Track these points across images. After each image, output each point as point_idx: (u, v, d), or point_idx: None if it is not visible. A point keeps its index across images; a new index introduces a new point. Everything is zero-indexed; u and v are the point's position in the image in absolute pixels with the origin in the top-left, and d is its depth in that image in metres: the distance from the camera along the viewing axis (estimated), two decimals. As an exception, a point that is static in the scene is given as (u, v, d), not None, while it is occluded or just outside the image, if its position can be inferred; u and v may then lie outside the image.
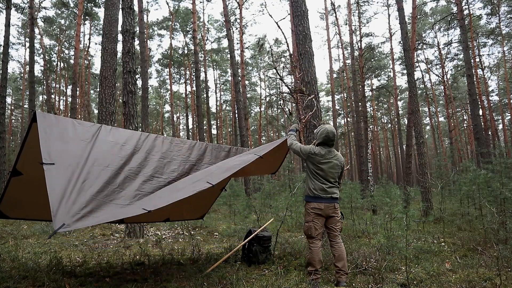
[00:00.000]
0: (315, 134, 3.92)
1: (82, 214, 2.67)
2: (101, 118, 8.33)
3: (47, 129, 3.01)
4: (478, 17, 23.24)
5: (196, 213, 5.81)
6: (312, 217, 3.64)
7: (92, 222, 2.69)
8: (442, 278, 3.86)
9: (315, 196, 3.65)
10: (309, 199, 3.70)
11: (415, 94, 11.67)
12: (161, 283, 3.82)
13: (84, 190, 2.89)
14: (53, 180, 2.66)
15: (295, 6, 6.24)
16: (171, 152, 4.26)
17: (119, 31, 8.49)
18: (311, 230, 3.63)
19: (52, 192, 2.52)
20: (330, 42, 26.59)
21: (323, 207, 3.62)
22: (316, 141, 3.84)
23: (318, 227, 3.63)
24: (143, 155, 3.87)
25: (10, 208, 3.90)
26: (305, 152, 3.76)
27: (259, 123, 35.87)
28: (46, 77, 24.60)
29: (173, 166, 4.16)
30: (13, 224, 9.06)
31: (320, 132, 3.80)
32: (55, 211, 2.41)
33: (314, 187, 3.67)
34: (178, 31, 29.50)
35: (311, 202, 3.67)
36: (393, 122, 37.10)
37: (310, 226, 3.64)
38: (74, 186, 2.84)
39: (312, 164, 3.72)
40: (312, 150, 3.71)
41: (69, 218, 2.48)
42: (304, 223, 3.75)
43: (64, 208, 2.55)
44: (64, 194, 2.67)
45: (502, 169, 6.72)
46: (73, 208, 2.63)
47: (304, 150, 3.78)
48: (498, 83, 31.44)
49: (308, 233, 3.67)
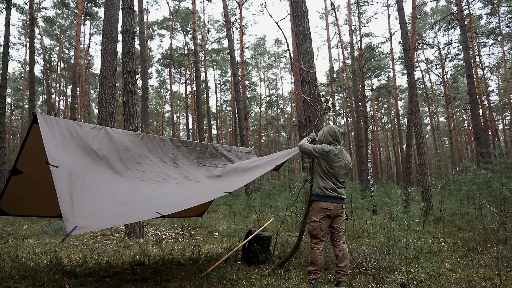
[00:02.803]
0: (319, 139, 3.86)
1: (93, 216, 2.63)
2: (101, 118, 8.34)
3: (49, 131, 3.02)
4: (478, 17, 23.23)
5: (196, 210, 5.82)
6: (320, 217, 3.58)
7: (104, 225, 2.67)
8: (442, 278, 3.86)
9: (326, 196, 3.58)
10: (319, 198, 3.63)
11: (415, 94, 11.67)
12: (161, 283, 3.82)
13: (92, 193, 2.86)
14: (61, 183, 2.63)
15: (295, 6, 6.24)
16: (179, 152, 4.28)
17: (119, 31, 8.49)
18: (317, 231, 3.58)
19: (61, 195, 2.49)
20: (330, 42, 26.60)
21: (332, 207, 3.57)
22: (324, 142, 3.76)
23: (324, 228, 3.59)
24: (150, 157, 3.88)
25: (10, 205, 3.95)
26: (319, 150, 3.65)
27: (259, 123, 35.88)
28: (46, 77, 24.59)
29: (184, 167, 4.16)
30: (13, 224, 9.05)
31: (325, 131, 3.75)
32: (66, 214, 2.37)
33: (325, 186, 3.59)
34: (178, 31, 29.50)
35: (321, 201, 3.60)
36: (393, 122, 37.11)
37: (317, 227, 3.58)
38: (82, 189, 2.81)
39: (325, 162, 3.64)
40: (327, 148, 3.64)
41: (81, 221, 2.43)
42: (310, 222, 3.67)
43: (75, 210, 2.52)
44: (74, 197, 2.64)
45: (502, 169, 6.71)
46: (84, 211, 2.60)
47: (318, 148, 3.67)
48: (498, 83, 31.46)
49: (313, 233, 3.60)
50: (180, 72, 33.56)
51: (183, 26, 28.31)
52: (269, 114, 40.91)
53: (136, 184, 3.48)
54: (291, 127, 38.15)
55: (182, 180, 4.00)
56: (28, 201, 4.03)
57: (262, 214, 8.71)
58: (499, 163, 6.84)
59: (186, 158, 4.44)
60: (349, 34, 21.29)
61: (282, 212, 7.73)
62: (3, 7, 16.21)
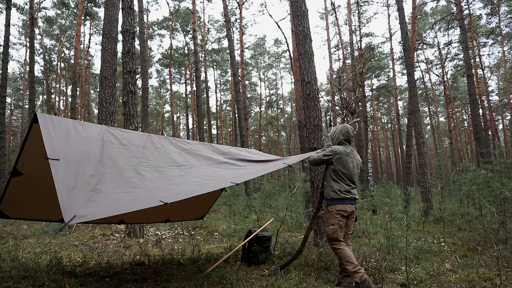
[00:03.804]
0: (331, 135, 3.79)
1: (93, 205, 2.54)
2: (101, 118, 8.33)
3: (49, 129, 3.01)
4: (478, 17, 23.22)
5: (197, 213, 5.81)
6: (338, 219, 3.48)
7: (104, 213, 2.54)
8: (442, 278, 3.86)
9: (341, 198, 3.50)
10: (334, 201, 3.53)
11: (415, 94, 11.67)
12: (161, 283, 3.82)
13: (93, 183, 2.81)
14: (60, 174, 2.59)
15: (295, 6, 6.24)
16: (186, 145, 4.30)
17: (119, 31, 8.48)
18: (337, 233, 3.46)
19: (60, 186, 2.44)
20: (330, 42, 26.58)
21: (348, 208, 3.52)
22: (335, 141, 3.69)
23: (342, 229, 3.51)
24: (153, 151, 3.86)
25: (10, 208, 3.90)
26: (330, 154, 3.56)
27: (259, 123, 35.88)
28: (46, 77, 24.58)
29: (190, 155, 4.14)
30: (13, 224, 9.05)
31: (338, 130, 3.69)
32: (64, 204, 2.30)
33: (339, 189, 3.52)
34: (179, 31, 29.51)
35: (337, 204, 3.51)
36: (393, 122, 37.10)
37: (336, 229, 3.47)
38: (82, 179, 2.77)
39: (339, 164, 3.55)
40: (337, 150, 3.56)
41: (80, 209, 2.35)
42: (328, 226, 3.53)
43: (74, 200, 2.46)
44: (73, 187, 2.59)
45: (502, 169, 6.72)
46: (84, 200, 2.53)
47: (328, 152, 3.58)
48: (498, 83, 31.45)
49: (333, 236, 3.47)
50: (180, 72, 33.56)
51: (183, 26, 28.31)
52: (269, 114, 40.90)
53: (141, 170, 3.43)
54: (291, 127, 38.16)
55: (188, 167, 3.96)
56: (29, 204, 3.98)
57: (262, 214, 8.72)
58: (499, 163, 6.84)
59: (192, 149, 4.45)
60: (349, 34, 21.29)
61: (282, 212, 7.73)
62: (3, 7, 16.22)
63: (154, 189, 3.17)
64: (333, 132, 3.75)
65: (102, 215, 2.48)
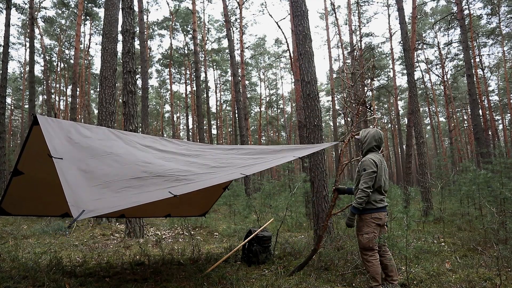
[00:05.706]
0: (361, 139, 3.66)
1: (102, 199, 2.52)
2: (101, 118, 8.34)
3: (50, 130, 3.03)
4: (478, 17, 23.22)
5: (199, 209, 5.82)
6: (373, 228, 3.40)
7: (113, 207, 2.50)
8: (442, 278, 3.86)
9: (376, 208, 3.44)
10: (368, 211, 3.45)
11: (415, 94, 11.67)
12: (161, 283, 3.82)
13: (100, 178, 2.79)
14: (65, 172, 2.59)
15: (295, 6, 6.24)
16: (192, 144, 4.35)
17: (119, 31, 8.49)
18: (373, 242, 3.38)
19: (65, 183, 2.43)
20: (330, 42, 26.58)
21: (383, 216, 3.47)
22: (366, 146, 3.58)
23: (377, 238, 3.44)
24: (157, 147, 3.90)
25: (12, 206, 3.98)
26: (375, 170, 3.41)
27: (259, 123, 35.90)
28: (46, 77, 24.58)
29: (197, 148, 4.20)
30: (13, 224, 9.06)
31: (371, 135, 3.56)
32: (72, 200, 2.28)
33: (374, 199, 3.43)
34: (179, 31, 29.51)
35: (372, 212, 3.44)
36: (393, 122, 37.09)
37: (371, 238, 3.38)
38: (88, 175, 2.76)
39: (377, 176, 3.42)
40: (377, 163, 3.42)
41: (88, 204, 2.32)
42: (363, 234, 3.43)
43: (81, 195, 2.43)
44: (79, 183, 2.58)
45: (502, 169, 6.72)
46: (92, 195, 2.52)
47: (374, 169, 3.40)
48: (498, 83, 31.45)
49: (368, 245, 3.39)
50: (180, 72, 33.56)
51: (183, 26, 28.31)
52: (269, 114, 40.90)
53: (149, 159, 3.43)
54: (291, 127, 38.17)
55: (194, 155, 3.97)
56: (30, 201, 4.08)
57: (262, 214, 8.71)
58: (499, 163, 6.85)
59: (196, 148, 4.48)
60: (349, 34, 21.31)
61: (282, 212, 7.73)
62: (3, 7, 16.20)
63: (164, 172, 3.13)
64: (364, 136, 3.62)
65: (112, 209, 2.45)
